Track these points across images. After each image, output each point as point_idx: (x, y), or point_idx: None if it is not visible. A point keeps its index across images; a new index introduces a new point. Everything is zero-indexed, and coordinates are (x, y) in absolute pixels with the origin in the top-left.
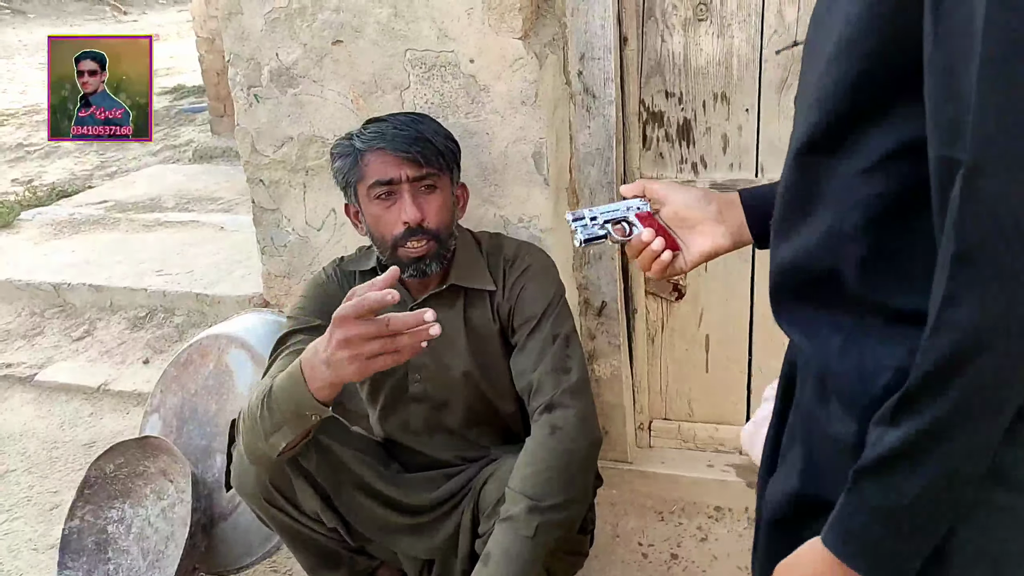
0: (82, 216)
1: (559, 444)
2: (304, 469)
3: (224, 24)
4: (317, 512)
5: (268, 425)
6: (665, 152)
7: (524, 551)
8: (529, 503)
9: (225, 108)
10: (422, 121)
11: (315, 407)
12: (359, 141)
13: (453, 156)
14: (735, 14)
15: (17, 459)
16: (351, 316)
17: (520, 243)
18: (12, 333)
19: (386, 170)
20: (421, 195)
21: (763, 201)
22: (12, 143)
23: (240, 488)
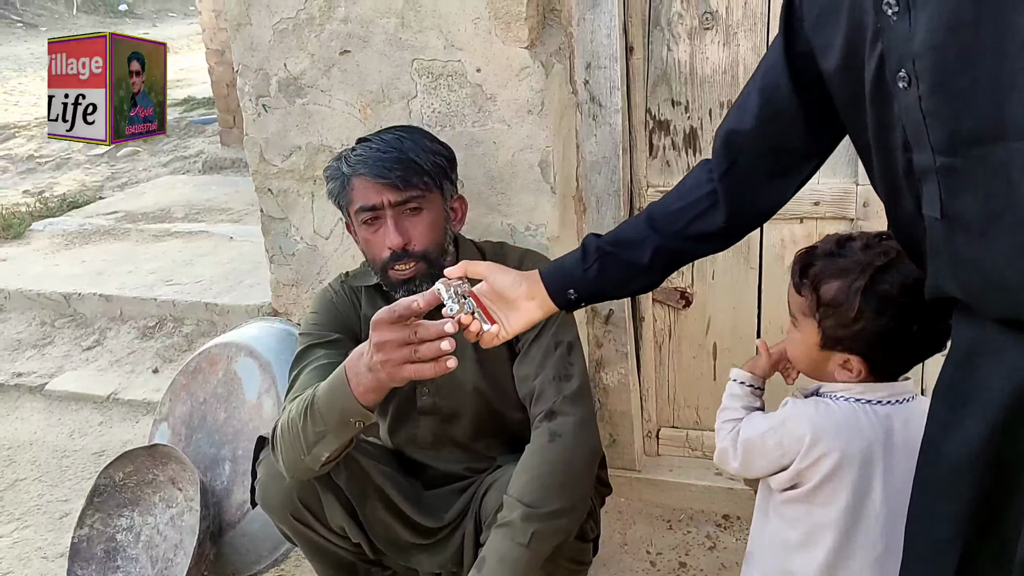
0: (92, 227)
1: (557, 451)
2: (334, 484)
3: (233, 35)
4: (343, 527)
5: (311, 436)
6: (672, 160)
7: (518, 558)
8: (524, 510)
9: (234, 120)
10: (408, 138)
11: (361, 413)
12: (345, 165)
13: (442, 171)
14: (741, 23)
15: (28, 468)
16: (385, 320)
17: (524, 251)
18: (23, 343)
19: (368, 196)
20: (405, 218)
21: (560, 274)
22: (23, 155)
23: (266, 504)
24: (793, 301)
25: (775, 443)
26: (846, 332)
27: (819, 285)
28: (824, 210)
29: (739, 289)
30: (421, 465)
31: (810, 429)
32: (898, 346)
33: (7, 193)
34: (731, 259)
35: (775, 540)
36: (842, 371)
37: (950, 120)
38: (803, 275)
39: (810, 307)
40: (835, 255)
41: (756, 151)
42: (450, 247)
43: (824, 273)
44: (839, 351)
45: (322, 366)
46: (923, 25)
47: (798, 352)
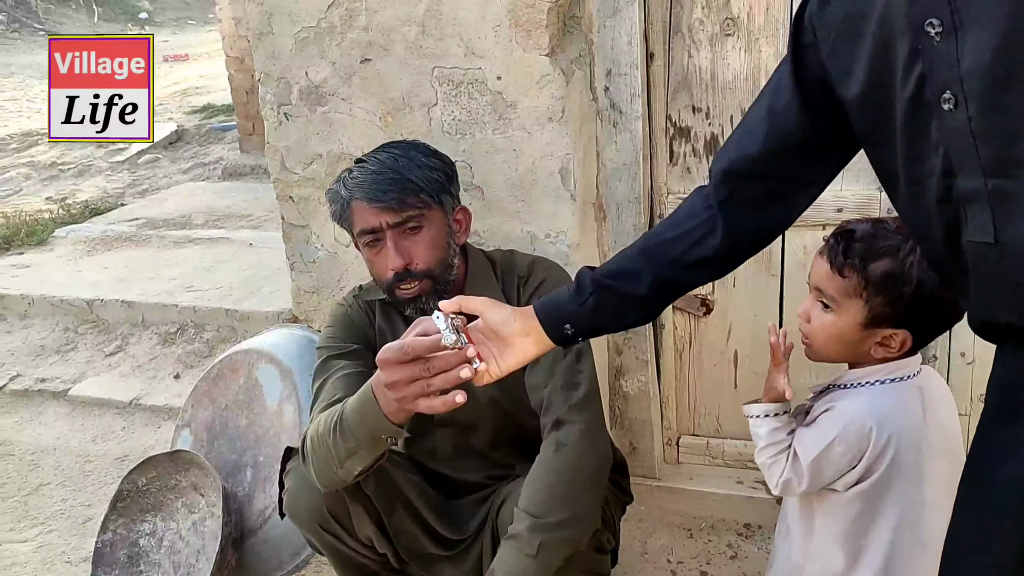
0: (114, 233)
1: (563, 460)
2: (363, 494)
3: (255, 44)
4: (371, 538)
5: (342, 451)
6: (692, 167)
7: (525, 570)
8: (531, 521)
9: (254, 127)
10: (404, 156)
11: (392, 430)
12: (344, 188)
13: (440, 186)
14: (763, 29)
15: (51, 472)
16: (393, 360)
17: (534, 258)
18: (46, 348)
19: (367, 219)
20: (406, 238)
21: (556, 310)
22: (46, 162)
23: (293, 514)
24: (830, 285)
25: (843, 449)
26: (897, 307)
27: (868, 264)
28: (847, 217)
29: (760, 296)
30: (441, 475)
31: (874, 420)
32: (943, 314)
33: (30, 200)
34: (752, 266)
35: (830, 542)
36: (880, 348)
37: (1003, 141)
38: (847, 256)
39: (856, 287)
40: (875, 235)
41: (758, 177)
42: (455, 259)
43: (871, 252)
44: (884, 327)
45: (346, 375)
46: (971, 45)
47: (831, 335)
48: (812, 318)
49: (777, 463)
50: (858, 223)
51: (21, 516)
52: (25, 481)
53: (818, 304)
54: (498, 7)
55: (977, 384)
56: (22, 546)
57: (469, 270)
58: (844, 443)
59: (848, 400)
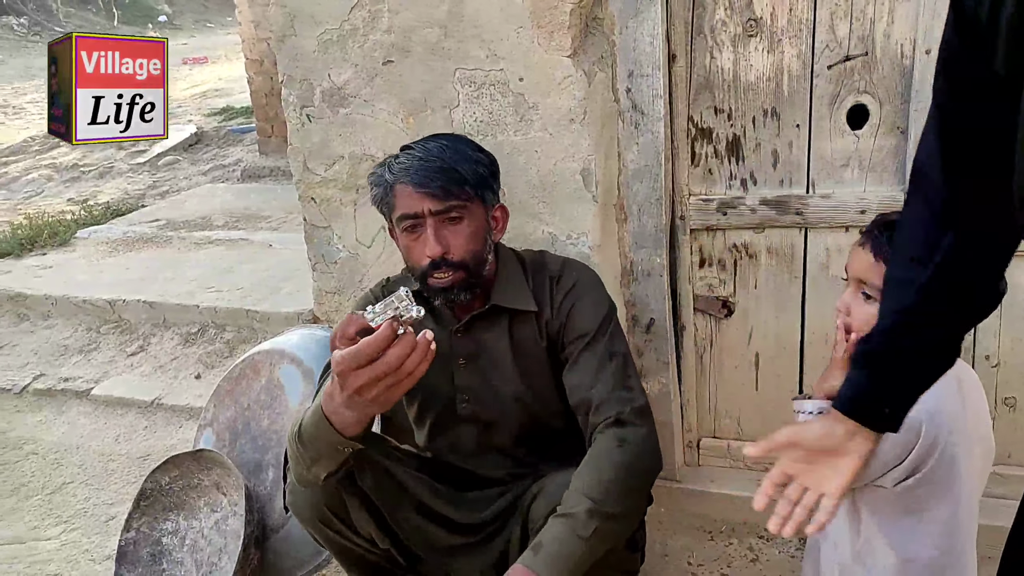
0: (136, 234)
1: (626, 457)
2: (359, 490)
3: (278, 46)
4: (371, 533)
5: (307, 459)
6: (714, 168)
7: (576, 551)
8: (591, 505)
9: (273, 129)
10: (452, 147)
11: (347, 443)
12: (388, 172)
13: (484, 181)
14: (786, 29)
15: (74, 471)
16: (349, 368)
17: (565, 259)
18: (69, 348)
19: (410, 204)
20: (445, 227)
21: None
22: (67, 163)
23: (295, 509)
24: (875, 274)
25: (889, 444)
26: None
27: None
28: (871, 218)
29: (782, 298)
30: (462, 470)
31: (924, 414)
32: (982, 303)
33: (53, 201)
34: (774, 267)
35: (879, 540)
36: None
37: None
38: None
39: None
40: None
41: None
42: (489, 255)
43: None
44: None
45: None
46: None
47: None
48: (853, 310)
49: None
50: (897, 214)
51: (45, 514)
52: (49, 480)
53: (859, 296)
54: (520, 8)
55: (1002, 387)
56: (46, 544)
57: (499, 268)
58: (890, 440)
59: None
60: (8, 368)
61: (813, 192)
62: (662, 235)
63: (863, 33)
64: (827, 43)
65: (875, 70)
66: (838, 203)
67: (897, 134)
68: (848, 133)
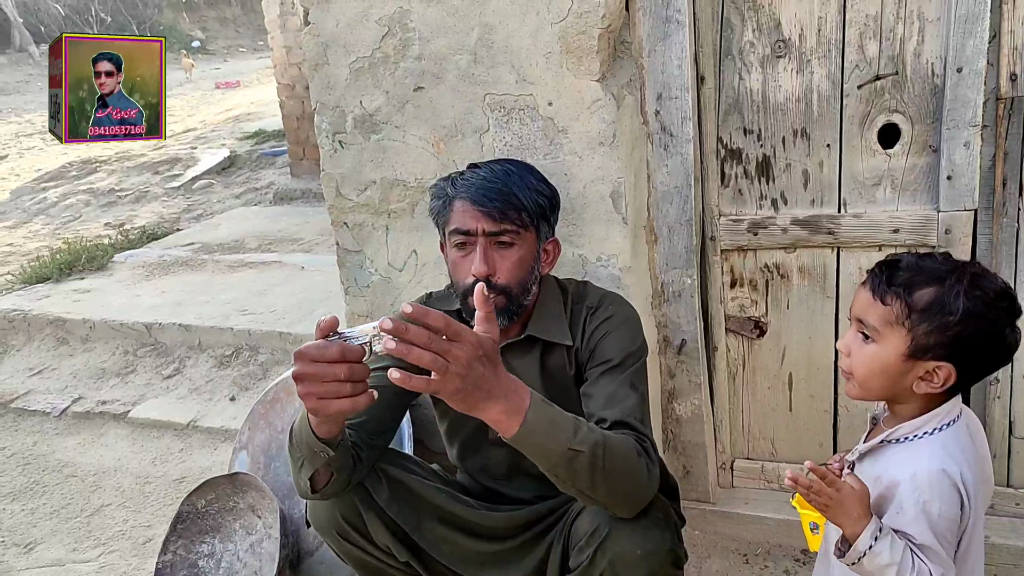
0: (171, 258)
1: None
2: (375, 503)
3: (311, 74)
4: (388, 545)
5: (295, 461)
6: (744, 189)
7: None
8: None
9: (304, 151)
10: (517, 173)
11: (319, 445)
12: (451, 187)
13: (542, 213)
14: (815, 50)
15: (112, 494)
16: (311, 356)
17: (606, 292)
18: (107, 371)
19: (465, 220)
20: (495, 250)
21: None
22: (104, 188)
23: (315, 522)
24: (872, 313)
25: (945, 507)
26: (941, 338)
27: (912, 291)
28: (904, 237)
29: (815, 319)
30: (493, 491)
31: (956, 467)
32: (989, 351)
33: (90, 226)
34: (807, 288)
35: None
36: (922, 383)
37: None
38: (890, 283)
39: (898, 315)
40: (920, 264)
41: None
42: (534, 286)
43: (916, 280)
44: (927, 359)
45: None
46: None
47: (872, 368)
48: (852, 351)
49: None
50: (904, 255)
51: (84, 536)
52: (88, 502)
53: (859, 336)
54: (549, 34)
55: None
56: (84, 566)
57: (540, 297)
58: (940, 501)
59: (913, 454)
60: (48, 391)
61: (845, 211)
62: (692, 256)
63: (893, 52)
64: (856, 63)
65: (906, 89)
66: (870, 222)
67: (929, 153)
68: (879, 152)
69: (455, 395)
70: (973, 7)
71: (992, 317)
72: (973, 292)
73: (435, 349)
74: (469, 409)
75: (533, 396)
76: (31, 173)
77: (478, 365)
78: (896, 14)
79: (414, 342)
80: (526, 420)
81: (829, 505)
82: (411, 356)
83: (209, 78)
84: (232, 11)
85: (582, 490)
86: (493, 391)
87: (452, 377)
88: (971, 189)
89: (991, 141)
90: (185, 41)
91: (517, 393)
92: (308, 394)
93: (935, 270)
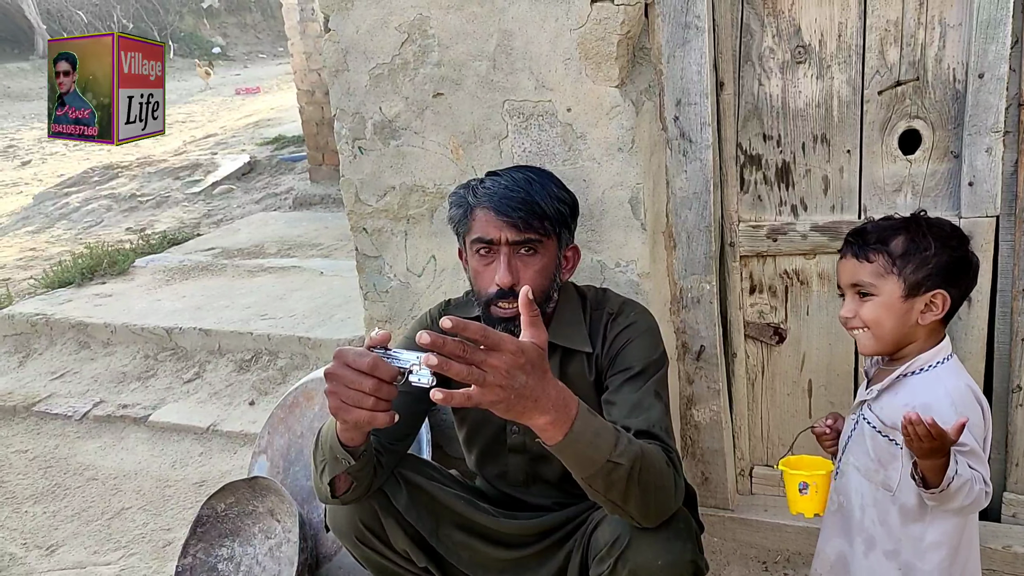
0: (191, 263)
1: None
2: (394, 508)
3: (331, 81)
4: (407, 551)
5: (317, 464)
6: (763, 195)
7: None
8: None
9: (323, 157)
10: (538, 181)
11: (342, 451)
12: (472, 195)
13: (563, 220)
14: (835, 56)
15: (133, 497)
16: (345, 360)
17: (626, 300)
18: (128, 375)
19: (488, 229)
20: (519, 258)
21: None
22: (126, 194)
23: (334, 527)
24: (862, 273)
25: (979, 434)
26: (927, 270)
27: (887, 243)
28: None
29: (835, 325)
30: (511, 498)
31: (980, 399)
32: (965, 269)
33: (111, 231)
34: (826, 295)
35: (949, 526)
36: (926, 314)
37: None
38: (867, 243)
39: (885, 266)
40: (882, 223)
41: None
42: (555, 293)
43: (885, 235)
44: (922, 293)
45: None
46: None
47: (882, 314)
48: (858, 310)
49: (971, 480)
50: (865, 223)
51: (104, 539)
52: (108, 505)
53: (855, 297)
54: (568, 40)
55: None
56: (105, 569)
57: (560, 305)
58: (972, 412)
59: (935, 379)
60: (70, 395)
61: (865, 218)
62: (711, 262)
63: (914, 58)
64: (877, 68)
65: (927, 95)
66: None
67: (951, 159)
68: (900, 158)
69: (497, 406)
70: (995, 12)
71: (955, 242)
72: (933, 229)
73: (471, 360)
74: (515, 418)
75: (580, 406)
76: (53, 178)
77: (520, 374)
78: (917, 20)
79: (449, 354)
80: (572, 430)
81: (935, 448)
82: (450, 370)
83: (229, 84)
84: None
85: (613, 500)
86: (540, 400)
87: (491, 388)
88: (993, 195)
89: (1013, 147)
90: (206, 47)
91: (564, 402)
92: (332, 394)
93: (896, 224)
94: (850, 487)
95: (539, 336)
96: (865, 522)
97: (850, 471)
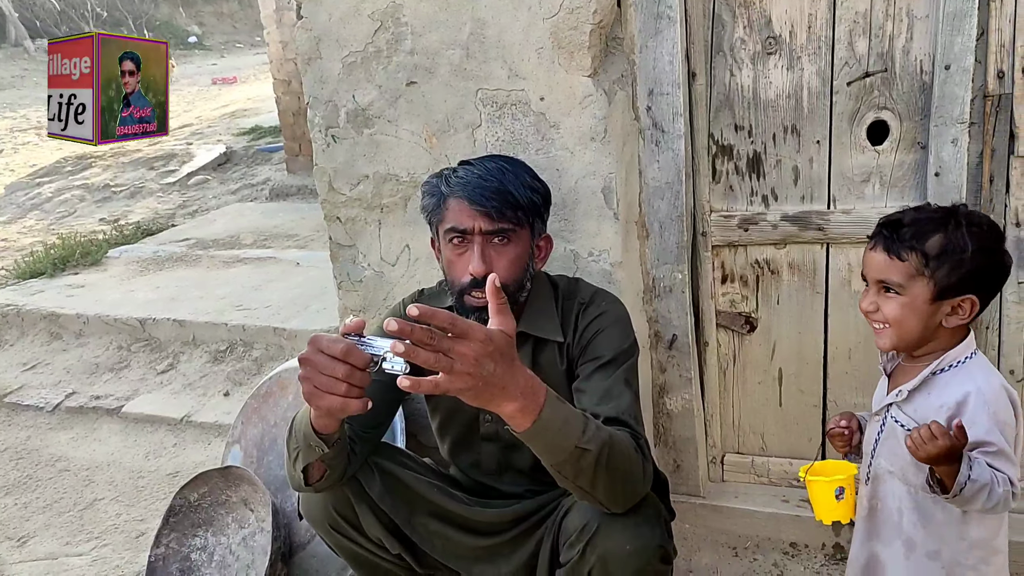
0: (166, 253)
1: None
2: (368, 496)
3: (304, 69)
4: (380, 539)
5: (291, 451)
6: (735, 185)
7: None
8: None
9: (300, 148)
10: (511, 171)
11: (315, 439)
12: (445, 184)
13: (536, 210)
14: (805, 47)
15: (105, 488)
16: (322, 348)
17: (598, 290)
18: (101, 366)
19: (461, 219)
20: (492, 247)
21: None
22: (99, 184)
23: (307, 515)
24: (892, 271)
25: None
26: (960, 275)
27: (923, 242)
28: None
29: (805, 314)
30: (484, 486)
31: (1013, 398)
32: (998, 273)
33: (85, 221)
34: (796, 284)
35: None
36: (951, 317)
37: None
38: (901, 240)
39: (917, 267)
40: (920, 217)
41: None
42: (528, 283)
43: (922, 231)
44: (951, 297)
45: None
46: None
47: (906, 315)
48: (881, 305)
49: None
50: (900, 213)
51: (77, 530)
52: (80, 496)
53: (880, 291)
54: (541, 30)
55: None
56: (77, 560)
57: (532, 294)
58: (1004, 410)
59: (966, 375)
60: (41, 386)
61: (834, 208)
62: (684, 251)
63: (882, 50)
64: (846, 60)
65: (895, 86)
66: (859, 218)
67: (918, 149)
68: (868, 149)
69: (465, 393)
70: (961, 5)
71: (993, 245)
72: (972, 228)
73: (438, 348)
74: (483, 405)
75: (549, 393)
76: (26, 168)
77: (488, 362)
78: (885, 11)
79: (417, 342)
80: (540, 417)
81: (942, 452)
82: (417, 358)
83: (206, 74)
84: (229, 6)
85: (582, 486)
86: (508, 388)
87: (459, 376)
88: (958, 186)
89: (978, 138)
90: (181, 36)
91: (533, 389)
92: (306, 379)
93: (934, 219)
94: (885, 491)
95: (507, 324)
96: (904, 524)
97: (883, 474)
